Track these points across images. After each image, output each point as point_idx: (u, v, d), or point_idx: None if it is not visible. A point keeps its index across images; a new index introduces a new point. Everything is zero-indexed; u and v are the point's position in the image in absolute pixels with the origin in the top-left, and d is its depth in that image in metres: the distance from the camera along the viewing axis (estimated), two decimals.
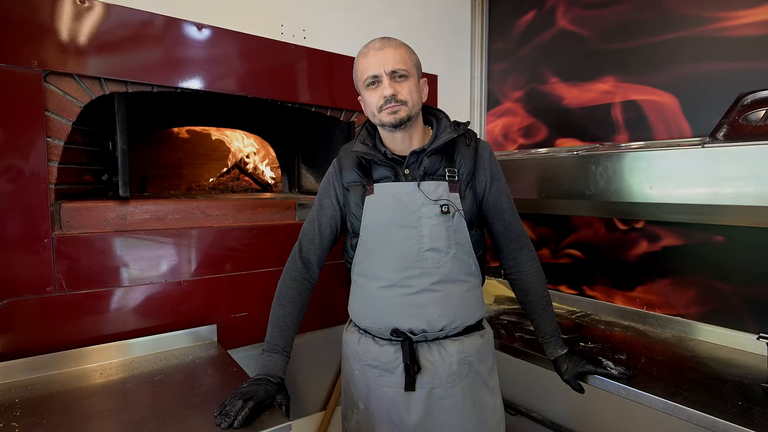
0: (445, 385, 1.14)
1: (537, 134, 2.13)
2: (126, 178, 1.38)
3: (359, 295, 1.23)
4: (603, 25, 1.85)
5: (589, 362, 1.23)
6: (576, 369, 1.22)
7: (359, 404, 1.22)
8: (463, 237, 1.15)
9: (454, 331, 1.17)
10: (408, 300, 1.14)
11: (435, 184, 1.14)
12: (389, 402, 1.16)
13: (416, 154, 1.15)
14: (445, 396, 1.14)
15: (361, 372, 1.21)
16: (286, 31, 1.77)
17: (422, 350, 1.15)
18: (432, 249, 1.13)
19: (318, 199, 1.27)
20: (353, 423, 1.25)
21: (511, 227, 1.24)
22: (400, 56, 1.10)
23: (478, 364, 1.19)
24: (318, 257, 1.26)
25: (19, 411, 1.02)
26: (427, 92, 1.20)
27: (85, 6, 1.27)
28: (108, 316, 1.34)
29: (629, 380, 1.21)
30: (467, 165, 1.17)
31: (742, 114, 1.31)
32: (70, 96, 1.29)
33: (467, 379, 1.17)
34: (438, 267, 1.13)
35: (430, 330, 1.14)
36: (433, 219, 1.13)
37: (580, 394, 1.23)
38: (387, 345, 1.17)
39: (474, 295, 1.20)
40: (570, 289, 2.00)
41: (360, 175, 1.19)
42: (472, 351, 1.18)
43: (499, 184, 1.22)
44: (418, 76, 1.15)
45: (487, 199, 1.21)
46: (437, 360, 1.14)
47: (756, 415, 1.05)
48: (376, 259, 1.17)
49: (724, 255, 1.52)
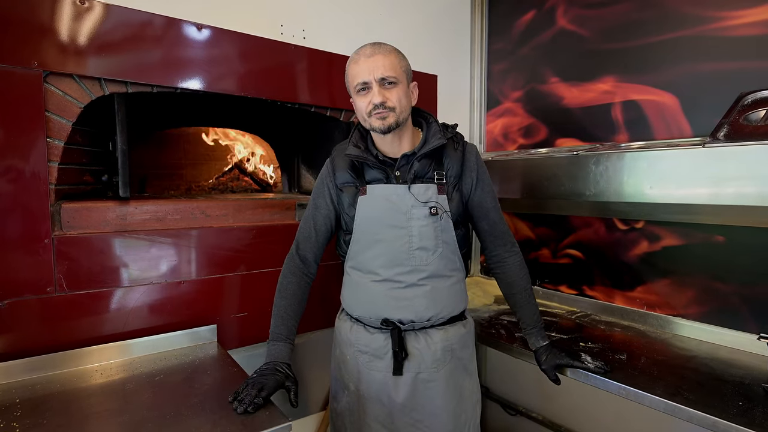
0: (430, 369, 1.23)
1: (537, 134, 2.13)
2: (126, 179, 1.39)
3: (352, 286, 1.30)
4: (603, 25, 1.85)
5: (567, 355, 1.29)
6: (554, 360, 1.27)
7: (350, 386, 1.30)
8: (449, 236, 1.23)
9: (440, 321, 1.26)
10: (398, 293, 1.22)
11: (425, 187, 1.20)
12: (378, 384, 1.25)
13: (407, 158, 1.21)
14: (430, 380, 1.24)
15: (353, 357, 1.29)
16: (285, 31, 1.77)
17: (410, 338, 1.24)
18: (421, 248, 1.21)
19: (312, 198, 1.32)
20: (344, 403, 1.33)
21: (495, 225, 1.31)
22: (390, 63, 1.14)
23: (460, 351, 1.28)
24: (315, 254, 1.32)
25: (20, 411, 1.02)
26: (416, 96, 1.25)
27: (85, 6, 1.27)
28: (108, 316, 1.34)
29: (605, 374, 1.25)
30: (455, 168, 1.24)
31: (742, 114, 1.31)
32: (70, 96, 1.29)
33: (450, 365, 1.26)
34: (426, 264, 1.21)
35: (418, 320, 1.23)
36: (422, 220, 1.20)
37: (557, 385, 1.28)
38: (377, 333, 1.26)
39: (458, 289, 1.29)
40: (570, 290, 2.00)
41: (353, 177, 1.25)
42: (455, 339, 1.27)
43: (484, 185, 1.28)
44: (408, 82, 1.20)
45: (473, 199, 1.28)
46: (423, 347, 1.23)
47: (757, 415, 1.05)
48: (369, 256, 1.24)
49: (724, 255, 1.52)
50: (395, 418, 1.24)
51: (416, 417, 1.24)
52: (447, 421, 1.25)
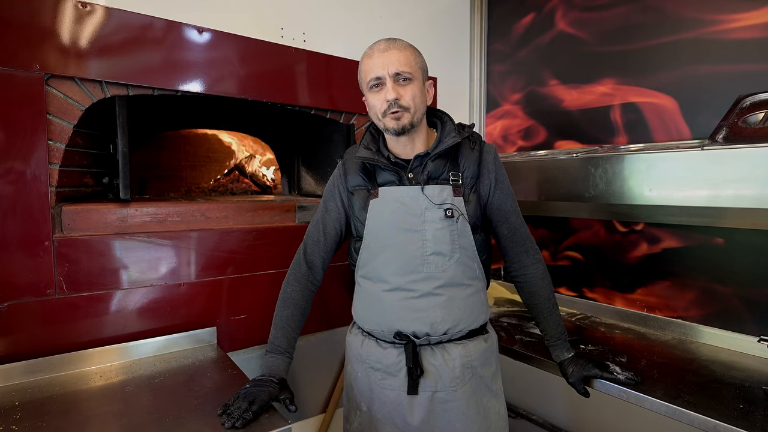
0: (448, 389, 1.13)
1: (536, 136, 2.14)
2: (127, 181, 1.39)
3: (363, 297, 1.22)
4: (602, 28, 1.86)
5: (595, 366, 1.21)
6: (582, 372, 1.21)
7: (362, 406, 1.22)
8: (467, 241, 1.15)
9: (458, 334, 1.16)
10: (411, 303, 1.13)
11: (439, 188, 1.13)
12: (392, 405, 1.15)
13: (420, 158, 1.15)
14: (448, 400, 1.13)
15: (364, 374, 1.20)
16: (286, 34, 1.78)
17: (425, 354, 1.14)
18: (436, 253, 1.12)
19: (323, 201, 1.27)
20: (356, 425, 1.24)
21: (516, 230, 1.23)
22: (405, 58, 1.08)
23: (481, 369, 1.18)
24: (323, 259, 1.26)
25: (19, 414, 1.02)
26: (432, 94, 1.18)
27: (86, 10, 1.27)
28: (108, 318, 1.34)
29: (636, 386, 1.18)
30: (471, 168, 1.16)
31: (741, 116, 1.32)
32: (72, 99, 1.29)
33: (470, 384, 1.15)
34: (442, 271, 1.13)
35: (434, 333, 1.13)
36: (437, 223, 1.12)
37: (586, 398, 1.22)
38: (390, 348, 1.17)
39: (478, 299, 1.19)
40: (570, 292, 2.00)
41: (364, 179, 1.19)
42: (476, 355, 1.17)
43: (504, 187, 1.20)
44: (424, 79, 1.14)
45: (492, 202, 1.20)
46: (440, 364, 1.13)
47: (757, 418, 1.04)
48: (380, 263, 1.16)
49: (724, 257, 1.52)
50: None
51: None
52: None
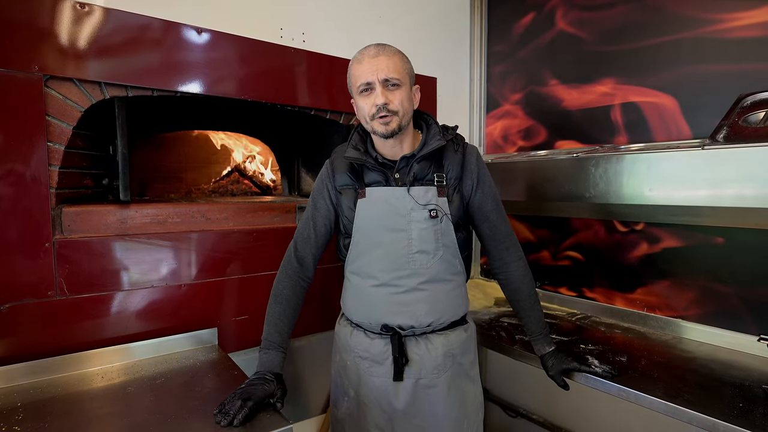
0: (431, 375, 1.22)
1: (536, 136, 2.14)
2: (127, 182, 1.39)
3: (352, 291, 1.28)
4: (602, 27, 1.85)
5: (574, 359, 1.27)
6: (561, 365, 1.26)
7: (350, 392, 1.29)
8: (449, 239, 1.21)
9: (441, 326, 1.24)
10: (397, 298, 1.20)
11: (424, 190, 1.19)
12: (379, 390, 1.23)
13: (407, 159, 1.20)
14: (431, 386, 1.22)
15: (353, 363, 1.27)
16: (285, 34, 1.77)
17: (410, 344, 1.22)
18: (420, 251, 1.19)
19: (312, 199, 1.30)
20: (344, 409, 1.31)
21: (497, 228, 1.28)
22: (394, 65, 1.13)
23: (461, 357, 1.26)
24: (313, 256, 1.29)
25: (21, 415, 1.03)
26: (419, 99, 1.23)
27: (85, 11, 1.27)
28: (109, 319, 1.34)
29: (613, 378, 1.23)
30: (455, 170, 1.22)
31: (741, 116, 1.32)
32: (71, 100, 1.29)
33: (451, 371, 1.24)
34: (426, 268, 1.20)
35: (418, 326, 1.21)
36: (422, 223, 1.18)
37: (565, 390, 1.27)
38: (377, 338, 1.24)
39: (459, 293, 1.27)
40: (570, 291, 2.00)
41: (352, 179, 1.23)
42: (456, 344, 1.25)
43: (485, 187, 1.26)
44: (411, 84, 1.19)
45: (473, 201, 1.25)
46: (424, 353, 1.22)
47: (757, 416, 1.05)
48: (368, 260, 1.22)
49: (724, 257, 1.52)
50: (396, 424, 1.23)
51: (417, 423, 1.22)
52: (449, 428, 1.23)
